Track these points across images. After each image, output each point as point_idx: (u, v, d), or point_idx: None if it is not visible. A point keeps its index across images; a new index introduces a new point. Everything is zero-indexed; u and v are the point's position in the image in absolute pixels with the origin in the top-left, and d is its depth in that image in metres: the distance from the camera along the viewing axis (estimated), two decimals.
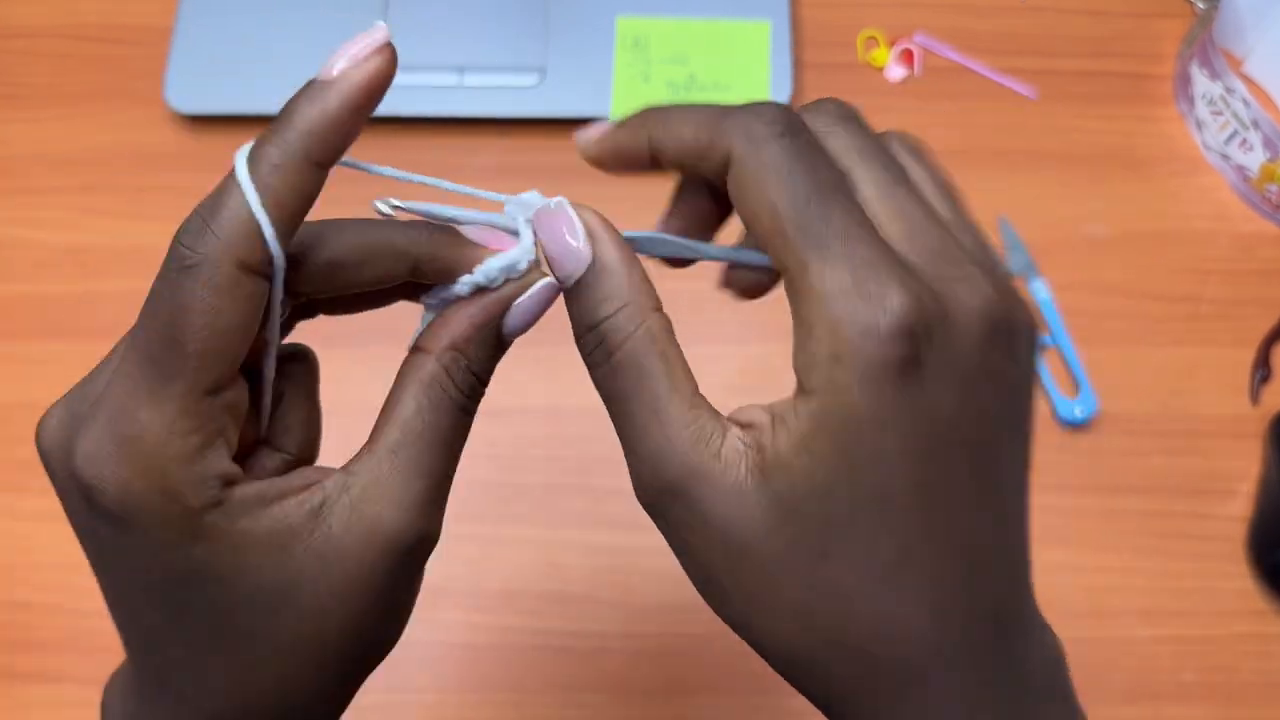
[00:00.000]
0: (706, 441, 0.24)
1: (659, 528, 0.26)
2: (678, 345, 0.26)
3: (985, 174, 0.66)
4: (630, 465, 0.26)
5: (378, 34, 0.25)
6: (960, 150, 0.67)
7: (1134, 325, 0.63)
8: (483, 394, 0.28)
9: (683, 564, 0.26)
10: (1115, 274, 0.64)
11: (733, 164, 0.24)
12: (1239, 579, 0.57)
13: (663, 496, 0.25)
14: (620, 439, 0.26)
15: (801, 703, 0.60)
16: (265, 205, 0.23)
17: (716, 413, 0.25)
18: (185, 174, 0.67)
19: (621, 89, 0.65)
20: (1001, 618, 0.26)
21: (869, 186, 0.24)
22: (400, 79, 0.78)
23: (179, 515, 0.23)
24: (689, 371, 0.26)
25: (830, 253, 0.23)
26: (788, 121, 0.24)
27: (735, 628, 0.26)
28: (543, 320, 0.29)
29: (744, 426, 0.25)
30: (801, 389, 0.23)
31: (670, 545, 0.26)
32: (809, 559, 0.24)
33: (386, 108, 0.72)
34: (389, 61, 0.25)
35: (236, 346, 0.24)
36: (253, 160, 0.23)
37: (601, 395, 0.26)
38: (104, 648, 0.30)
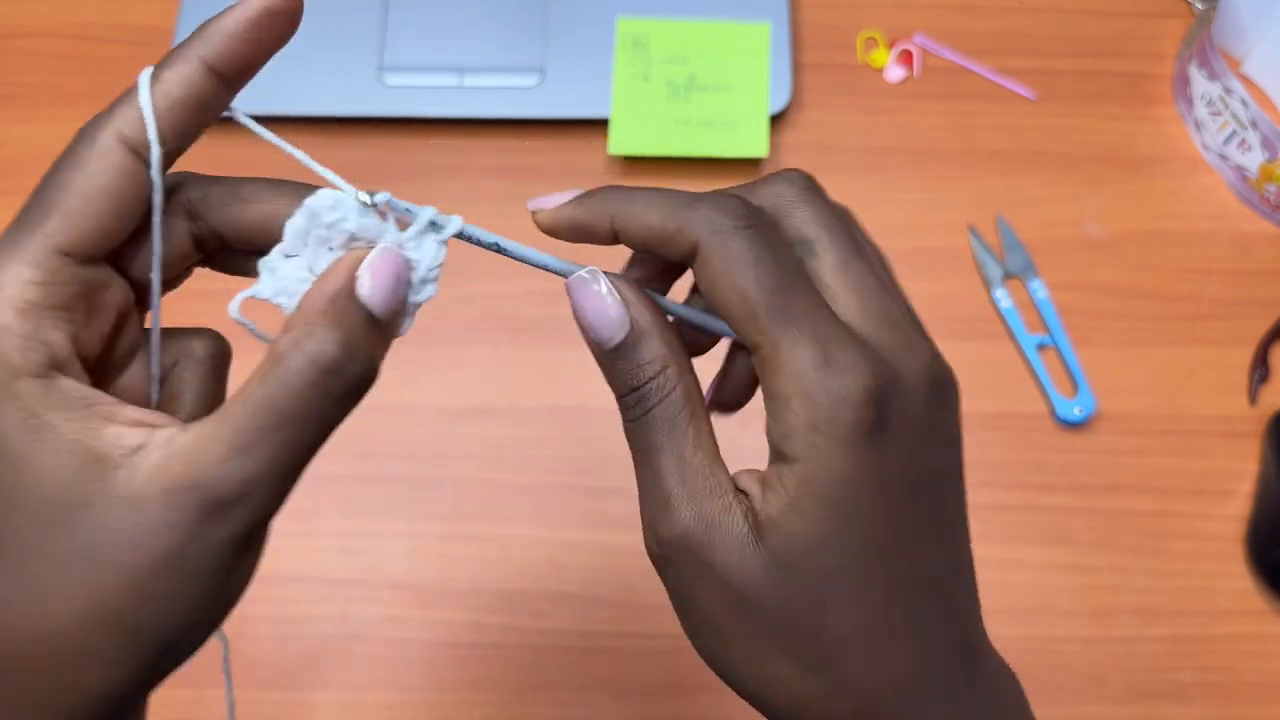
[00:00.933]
0: (719, 495, 0.26)
1: (666, 577, 0.28)
2: (704, 406, 0.28)
3: (985, 174, 0.67)
4: (647, 515, 0.27)
5: None
6: (960, 150, 0.67)
7: (1133, 325, 0.63)
8: (358, 382, 0.25)
9: (683, 614, 0.28)
10: (1114, 274, 0.64)
11: (700, 253, 0.26)
12: (1238, 579, 0.57)
13: (677, 544, 0.26)
14: (641, 487, 0.28)
15: None
16: (154, 95, 0.25)
17: (729, 474, 0.27)
18: None
19: (621, 89, 0.65)
20: (969, 650, 0.28)
21: (831, 255, 0.27)
22: (400, 80, 0.79)
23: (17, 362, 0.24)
24: (713, 432, 0.28)
25: (799, 332, 0.25)
26: (749, 213, 0.26)
27: (732, 676, 0.27)
28: (543, 322, 0.29)
29: (739, 491, 0.27)
30: (782, 457, 0.26)
31: (673, 596, 0.28)
32: (809, 609, 0.26)
33: (387, 108, 0.72)
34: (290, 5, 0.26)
35: (102, 214, 0.25)
36: (168, 58, 0.26)
37: (632, 445, 0.28)
38: None
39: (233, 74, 0.26)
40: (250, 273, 0.28)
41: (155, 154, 0.25)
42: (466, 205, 0.65)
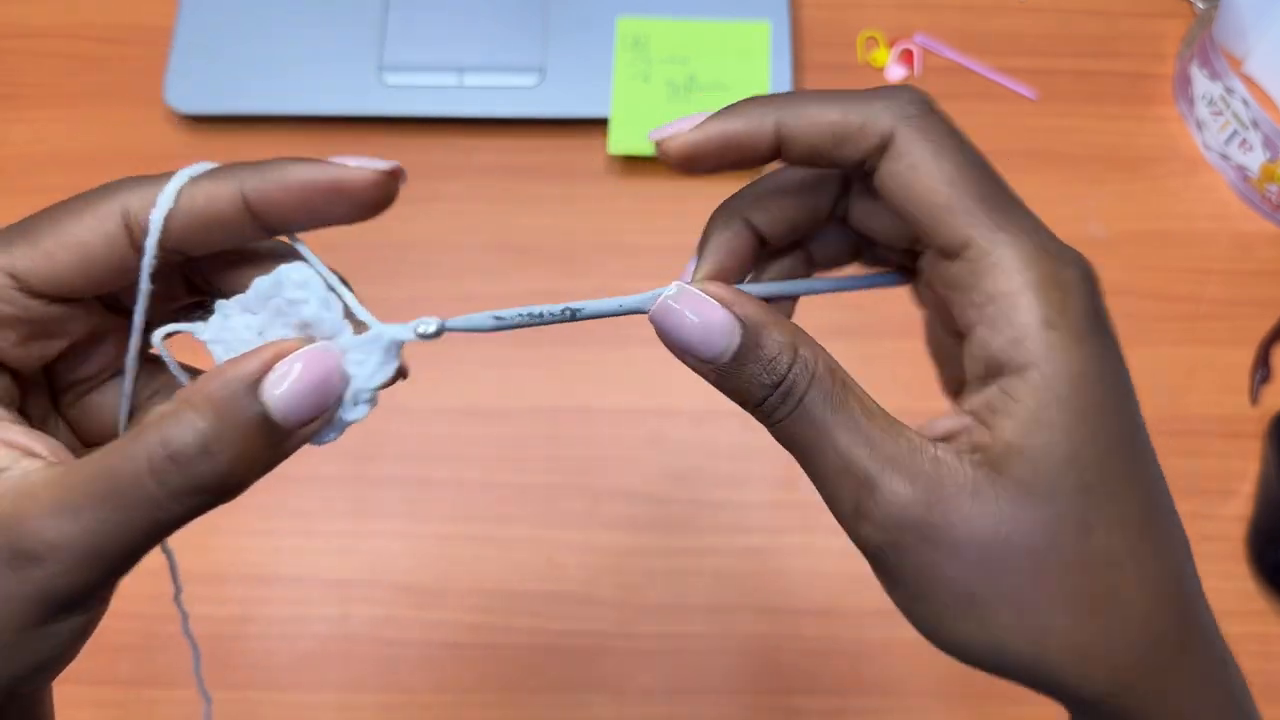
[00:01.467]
0: (922, 451, 0.23)
1: (888, 565, 0.24)
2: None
3: None
4: (846, 506, 0.24)
5: (388, 170, 0.25)
6: None
7: (1134, 325, 0.63)
8: (201, 479, 0.23)
9: (920, 599, 0.24)
10: (1115, 274, 0.64)
11: (894, 144, 0.24)
12: (1239, 579, 0.57)
13: (899, 523, 0.23)
14: (824, 483, 0.24)
15: (800, 702, 0.60)
16: (181, 197, 0.24)
17: (914, 429, 0.25)
18: None
19: (621, 89, 0.65)
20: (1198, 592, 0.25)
21: None
22: (400, 79, 0.79)
23: None
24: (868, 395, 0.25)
25: (1019, 224, 0.23)
26: (930, 102, 0.24)
27: (995, 649, 0.24)
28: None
29: (942, 439, 0.24)
30: (1008, 369, 0.23)
31: (900, 584, 0.24)
32: (1075, 536, 0.23)
33: (388, 108, 0.72)
34: (375, 185, 0.25)
35: (71, 267, 0.24)
36: (214, 171, 0.25)
37: (792, 443, 0.25)
38: (103, 648, 0.30)
39: (271, 221, 0.25)
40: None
41: (147, 261, 0.25)
42: (467, 204, 0.65)
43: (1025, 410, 0.23)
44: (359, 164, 0.25)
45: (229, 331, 0.25)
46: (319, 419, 0.24)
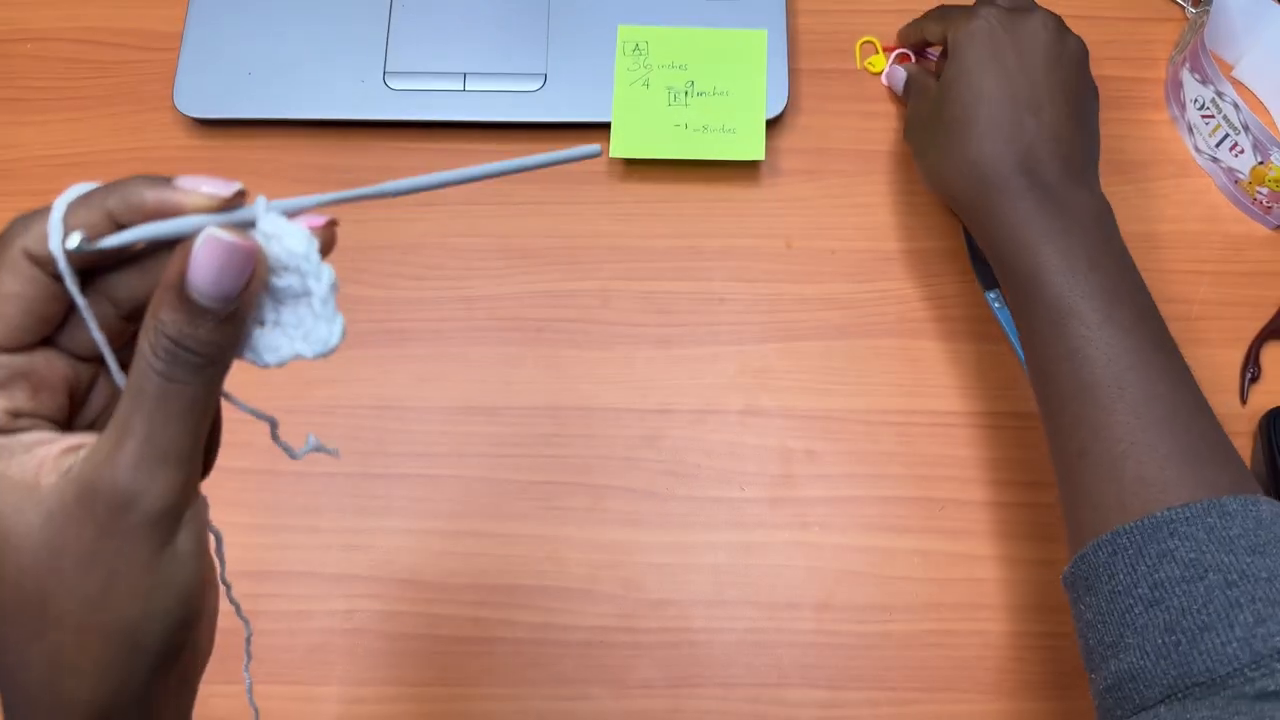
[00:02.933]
0: None
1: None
2: None
3: None
4: None
5: (227, 189, 0.28)
6: None
7: None
8: (203, 361, 0.27)
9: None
10: None
11: None
12: None
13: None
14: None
15: (796, 695, 0.61)
16: (65, 222, 0.27)
17: None
18: None
19: (622, 95, 0.66)
20: (1075, 169, 0.54)
21: None
22: (404, 85, 0.80)
23: None
24: None
25: None
26: None
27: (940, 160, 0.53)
28: (544, 322, 0.30)
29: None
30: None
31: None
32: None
33: (393, 113, 0.73)
34: (210, 207, 0.28)
35: (12, 314, 0.27)
36: (85, 197, 0.28)
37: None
38: None
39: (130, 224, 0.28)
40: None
41: (71, 286, 0.28)
42: (469, 208, 0.65)
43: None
44: (209, 188, 0.28)
45: None
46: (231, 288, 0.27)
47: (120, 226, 0.27)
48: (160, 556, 0.27)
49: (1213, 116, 0.65)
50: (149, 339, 0.27)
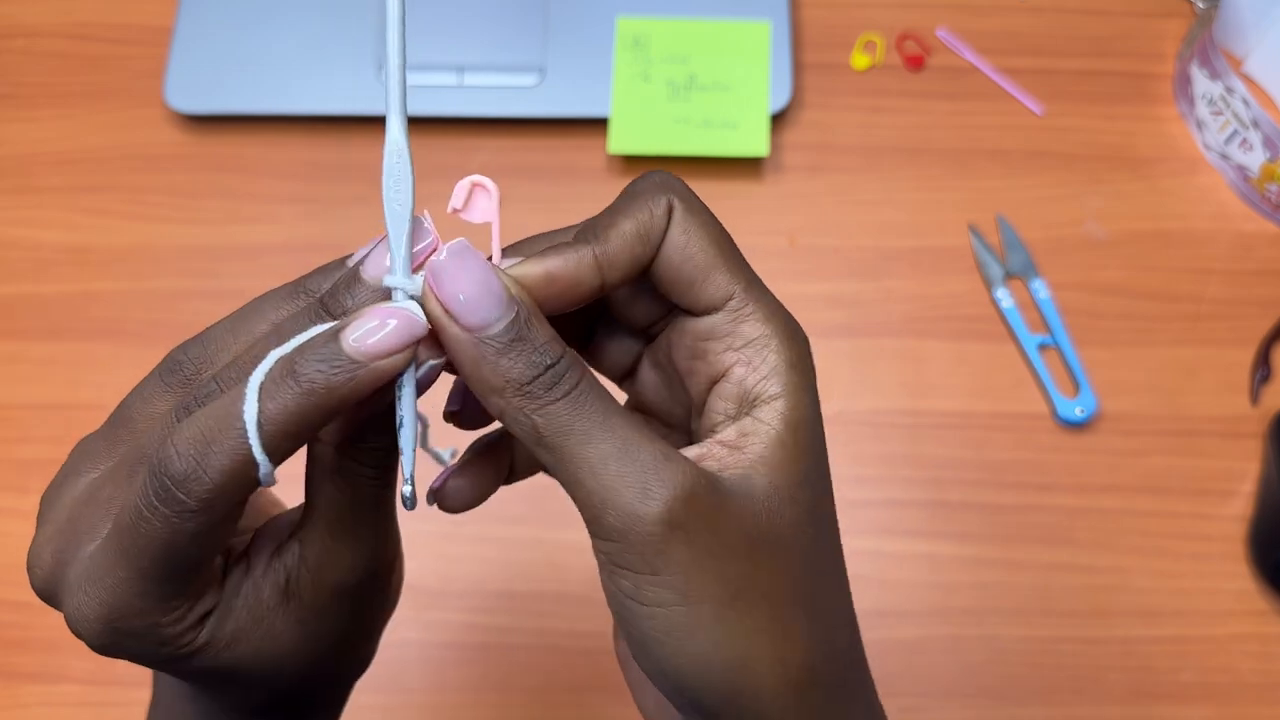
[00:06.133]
0: (685, 457, 0.25)
1: (672, 552, 0.24)
2: None
3: (985, 174, 0.66)
4: (630, 489, 0.24)
5: (415, 325, 0.24)
6: (960, 150, 0.67)
7: (1134, 325, 0.63)
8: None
9: (678, 611, 0.24)
10: (1115, 274, 0.64)
11: (676, 213, 0.26)
12: (1239, 579, 0.57)
13: (686, 504, 0.23)
14: (595, 469, 0.24)
15: None
16: (269, 460, 0.24)
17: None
18: (185, 174, 0.67)
19: (621, 89, 0.65)
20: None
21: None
22: None
23: (171, 655, 0.26)
24: None
25: (758, 283, 0.27)
26: (681, 181, 0.27)
27: (739, 655, 0.25)
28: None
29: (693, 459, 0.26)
30: (757, 402, 0.26)
31: (665, 586, 0.24)
32: (811, 542, 0.26)
33: (383, 108, 0.72)
34: (411, 351, 0.24)
35: (217, 550, 0.27)
36: (263, 415, 0.23)
37: (557, 431, 0.24)
38: None
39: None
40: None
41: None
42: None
43: (773, 432, 0.25)
44: (389, 346, 0.24)
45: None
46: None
47: (323, 425, 0.24)
48: (395, 574, 0.32)
49: (1222, 112, 0.64)
50: (363, 462, 0.27)
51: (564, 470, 0.24)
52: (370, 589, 0.29)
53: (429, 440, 0.31)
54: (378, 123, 0.67)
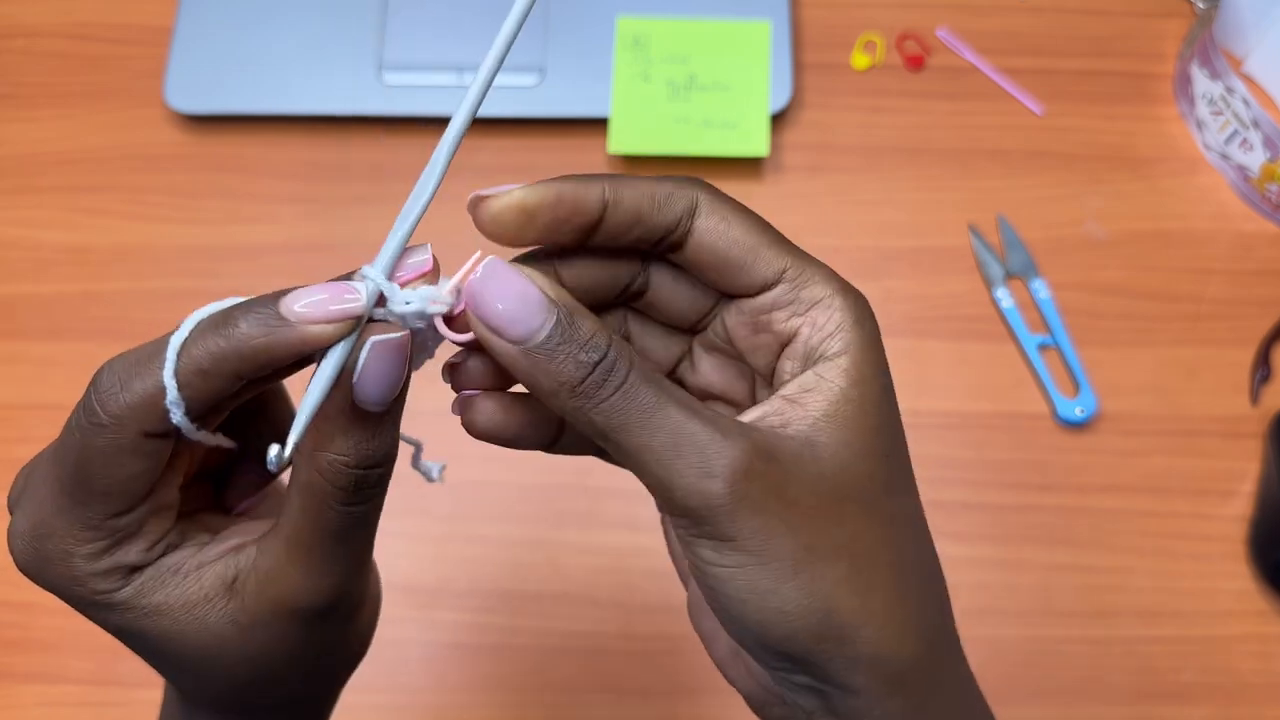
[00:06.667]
0: (745, 424, 0.25)
1: (729, 531, 0.25)
2: None
3: (986, 174, 0.66)
4: (691, 466, 0.24)
5: (353, 303, 0.25)
6: (961, 150, 0.67)
7: (1134, 325, 0.63)
8: (381, 473, 0.27)
9: (751, 572, 0.25)
10: (1115, 274, 0.64)
11: (702, 207, 0.27)
12: (1239, 579, 0.57)
13: (747, 472, 0.24)
14: (654, 453, 0.24)
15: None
16: (181, 394, 0.25)
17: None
18: (185, 174, 0.67)
19: (621, 88, 0.65)
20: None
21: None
22: (400, 78, 0.79)
23: (87, 596, 0.27)
24: None
25: (806, 254, 0.27)
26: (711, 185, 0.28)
27: (822, 607, 0.25)
28: None
29: (753, 420, 0.26)
30: (820, 358, 0.26)
31: (738, 551, 0.25)
32: (885, 495, 0.26)
33: (388, 108, 0.72)
34: (346, 333, 0.25)
35: (139, 486, 0.26)
36: (186, 350, 0.25)
37: (614, 426, 0.25)
38: (103, 648, 0.30)
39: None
40: None
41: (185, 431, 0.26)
42: (465, 204, 0.64)
43: (837, 388, 0.26)
44: (326, 309, 0.25)
45: None
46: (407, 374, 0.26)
47: (240, 378, 0.25)
48: (355, 625, 0.31)
49: (1222, 112, 0.64)
50: (327, 479, 0.26)
51: (629, 459, 0.25)
52: (327, 622, 0.28)
53: (420, 461, 0.33)
54: (378, 123, 0.67)
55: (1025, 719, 0.56)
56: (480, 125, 0.66)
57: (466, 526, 0.59)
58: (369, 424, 0.25)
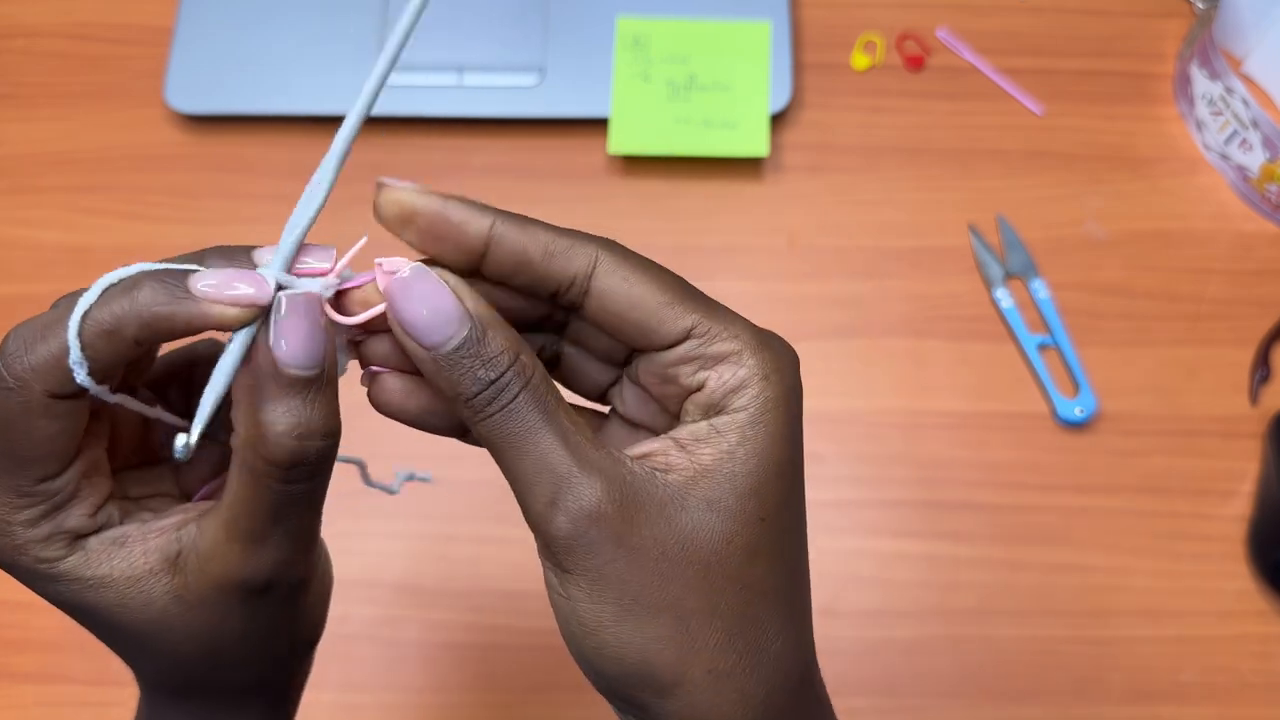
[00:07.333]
0: (621, 462, 0.25)
1: (574, 563, 0.25)
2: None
3: (985, 174, 0.66)
4: (540, 500, 0.26)
5: (261, 291, 0.26)
6: (960, 150, 0.67)
7: (1134, 325, 0.63)
8: (321, 449, 0.26)
9: (596, 596, 0.26)
10: (1115, 274, 0.64)
11: (601, 264, 0.27)
12: (1239, 579, 0.57)
13: (591, 518, 0.25)
14: (520, 478, 0.26)
15: None
16: (85, 355, 0.25)
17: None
18: (185, 174, 0.67)
19: (621, 89, 0.65)
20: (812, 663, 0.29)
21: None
22: (399, 79, 0.79)
23: (30, 565, 0.27)
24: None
25: (721, 309, 0.27)
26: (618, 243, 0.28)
27: (641, 658, 0.26)
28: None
29: (639, 458, 0.26)
30: (721, 410, 0.26)
31: (574, 586, 0.26)
32: (742, 559, 0.26)
33: (386, 108, 0.72)
34: (248, 319, 0.26)
35: (60, 447, 0.26)
36: (92, 313, 0.25)
37: (495, 439, 0.26)
38: (103, 648, 0.30)
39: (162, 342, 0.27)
40: None
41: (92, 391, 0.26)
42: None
43: (725, 444, 0.26)
44: (233, 291, 0.25)
45: None
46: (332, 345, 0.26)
47: (140, 344, 0.26)
48: (301, 603, 0.31)
49: (1222, 112, 0.64)
50: (262, 454, 0.25)
51: (505, 474, 0.27)
52: (268, 601, 0.28)
53: (369, 478, 0.35)
54: (377, 123, 0.67)
55: (1024, 718, 0.56)
56: (480, 125, 0.67)
57: (466, 526, 0.59)
58: (299, 390, 0.25)
